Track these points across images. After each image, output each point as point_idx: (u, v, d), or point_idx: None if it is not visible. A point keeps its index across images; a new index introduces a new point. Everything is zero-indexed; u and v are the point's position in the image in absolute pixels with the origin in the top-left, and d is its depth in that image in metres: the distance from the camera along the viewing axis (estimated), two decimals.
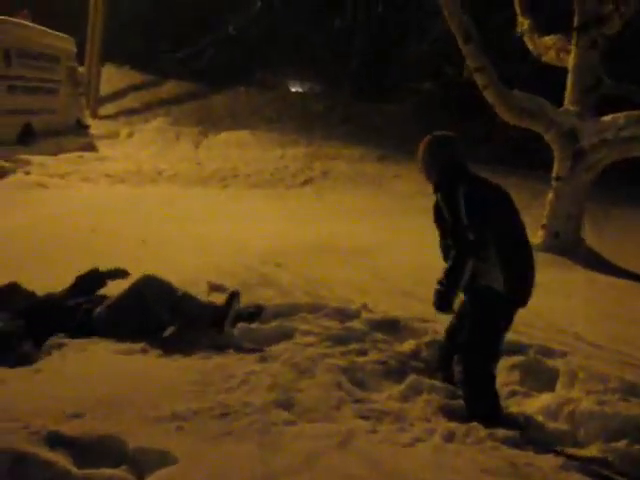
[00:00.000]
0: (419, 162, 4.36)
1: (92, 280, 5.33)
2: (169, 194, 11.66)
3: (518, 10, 10.21)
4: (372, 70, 24.17)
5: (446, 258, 4.12)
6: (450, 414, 4.02)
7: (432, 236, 4.34)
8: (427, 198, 13.39)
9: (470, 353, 4.11)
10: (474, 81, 9.06)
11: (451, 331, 4.47)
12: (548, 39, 9.85)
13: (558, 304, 6.51)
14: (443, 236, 4.17)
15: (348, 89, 24.11)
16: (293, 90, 28.12)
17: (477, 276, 4.03)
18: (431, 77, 23.07)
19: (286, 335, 4.97)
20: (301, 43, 25.32)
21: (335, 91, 24.75)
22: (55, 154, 14.12)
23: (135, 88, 24.77)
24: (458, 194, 3.97)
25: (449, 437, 3.67)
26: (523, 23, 10.16)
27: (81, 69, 19.68)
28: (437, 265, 4.26)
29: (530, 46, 10.11)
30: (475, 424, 3.80)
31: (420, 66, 23.15)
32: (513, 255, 4.05)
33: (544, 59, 9.98)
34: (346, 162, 16.72)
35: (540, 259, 8.23)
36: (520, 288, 4.09)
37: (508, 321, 4.17)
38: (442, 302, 4.05)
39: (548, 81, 10.62)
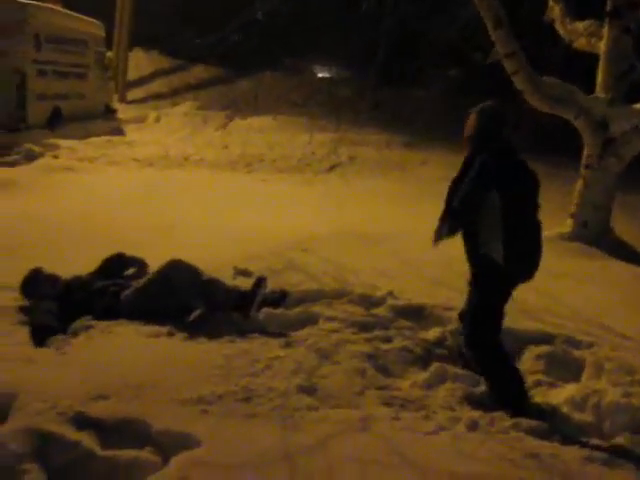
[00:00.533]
0: (469, 126, 4.26)
1: (117, 264, 5.39)
2: (196, 178, 11.70)
3: None
4: (399, 56, 24.00)
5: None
6: (474, 403, 4.00)
7: None
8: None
9: (471, 325, 4.15)
10: (501, 67, 8.95)
11: (463, 316, 4.47)
12: (579, 25, 9.69)
13: (586, 294, 6.43)
14: None
15: (375, 75, 23.96)
16: (320, 75, 28.03)
17: (479, 244, 4.08)
18: (459, 63, 22.88)
19: (311, 320, 4.98)
20: (328, 28, 25.19)
21: (362, 77, 24.62)
22: (83, 138, 14.23)
23: (163, 73, 24.89)
24: (475, 161, 4.00)
25: (473, 426, 3.66)
26: (554, 8, 10.00)
27: (109, 54, 19.77)
28: (463, 255, 4.24)
29: (561, 32, 9.95)
30: (500, 414, 3.79)
31: (448, 52, 22.95)
32: (519, 231, 4.01)
33: (575, 45, 9.83)
34: (373, 148, 16.66)
35: (568, 248, 8.23)
36: (520, 264, 4.08)
37: (504, 293, 4.16)
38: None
39: (579, 67, 10.47)
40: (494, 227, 3.97)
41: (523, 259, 4.08)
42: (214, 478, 3.00)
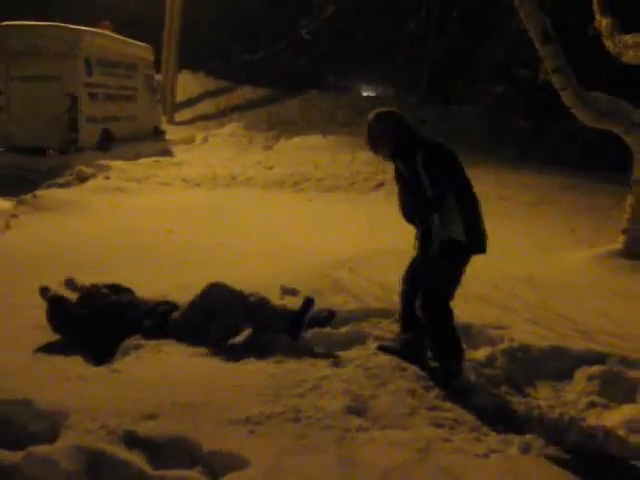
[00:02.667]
0: (368, 139, 4.62)
1: None
2: (243, 198, 11.79)
3: (596, 9, 9.91)
4: (446, 73, 23.97)
5: (405, 215, 4.62)
6: (526, 426, 3.91)
7: (509, 239, 4.27)
8: (504, 202, 13.10)
9: (432, 295, 4.41)
10: (550, 83, 8.84)
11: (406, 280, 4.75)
12: (628, 38, 9.52)
13: (639, 312, 6.28)
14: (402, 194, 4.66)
15: (421, 92, 23.96)
16: (365, 94, 28.12)
17: (439, 231, 4.32)
18: (505, 79, 22.73)
19: (358, 340, 4.94)
20: (374, 47, 25.30)
21: (407, 94, 24.61)
22: (133, 159, 14.50)
23: (210, 94, 25.25)
24: (417, 161, 4.31)
25: (525, 449, 3.57)
26: (601, 22, 9.86)
27: (158, 76, 20.14)
28: (515, 271, 4.19)
29: (609, 46, 9.80)
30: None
31: (494, 68, 22.85)
32: (472, 205, 4.40)
33: (624, 59, 9.66)
34: None
35: (621, 265, 8.05)
36: (480, 236, 4.40)
37: (464, 267, 4.47)
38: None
39: (629, 81, 10.28)
40: (449, 211, 4.26)
41: (481, 235, 4.41)
42: None
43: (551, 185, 14.73)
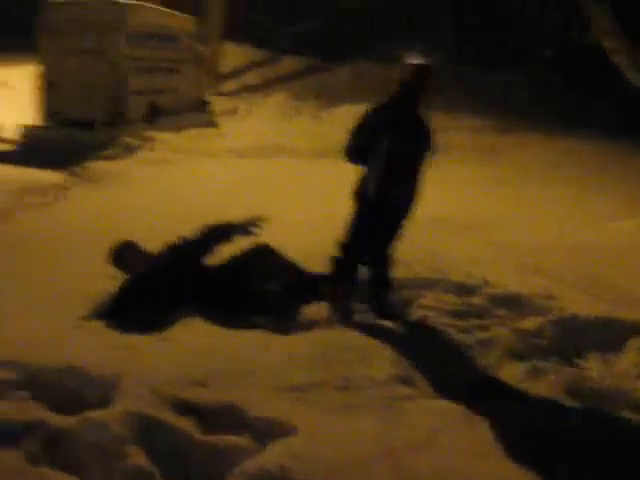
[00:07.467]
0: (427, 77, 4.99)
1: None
2: (289, 168, 11.77)
3: None
4: (492, 39, 23.53)
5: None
6: (579, 396, 3.86)
7: (557, 209, 4.18)
8: (550, 170, 12.85)
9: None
10: (599, 45, 8.58)
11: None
12: None
13: None
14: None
15: (468, 59, 23.55)
16: (413, 62, 27.72)
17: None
18: (552, 43, 22.16)
19: (405, 309, 4.93)
20: (420, 13, 24.91)
21: (455, 61, 24.21)
22: (178, 131, 14.56)
23: (255, 64, 25.16)
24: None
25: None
26: None
27: (202, 48, 20.13)
28: (565, 241, 4.10)
29: None
30: None
31: (540, 32, 22.32)
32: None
33: None
34: (467, 133, 16.36)
35: None
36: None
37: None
38: None
39: None
40: None
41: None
42: (312, 468, 2.99)
43: (597, 152, 14.42)
